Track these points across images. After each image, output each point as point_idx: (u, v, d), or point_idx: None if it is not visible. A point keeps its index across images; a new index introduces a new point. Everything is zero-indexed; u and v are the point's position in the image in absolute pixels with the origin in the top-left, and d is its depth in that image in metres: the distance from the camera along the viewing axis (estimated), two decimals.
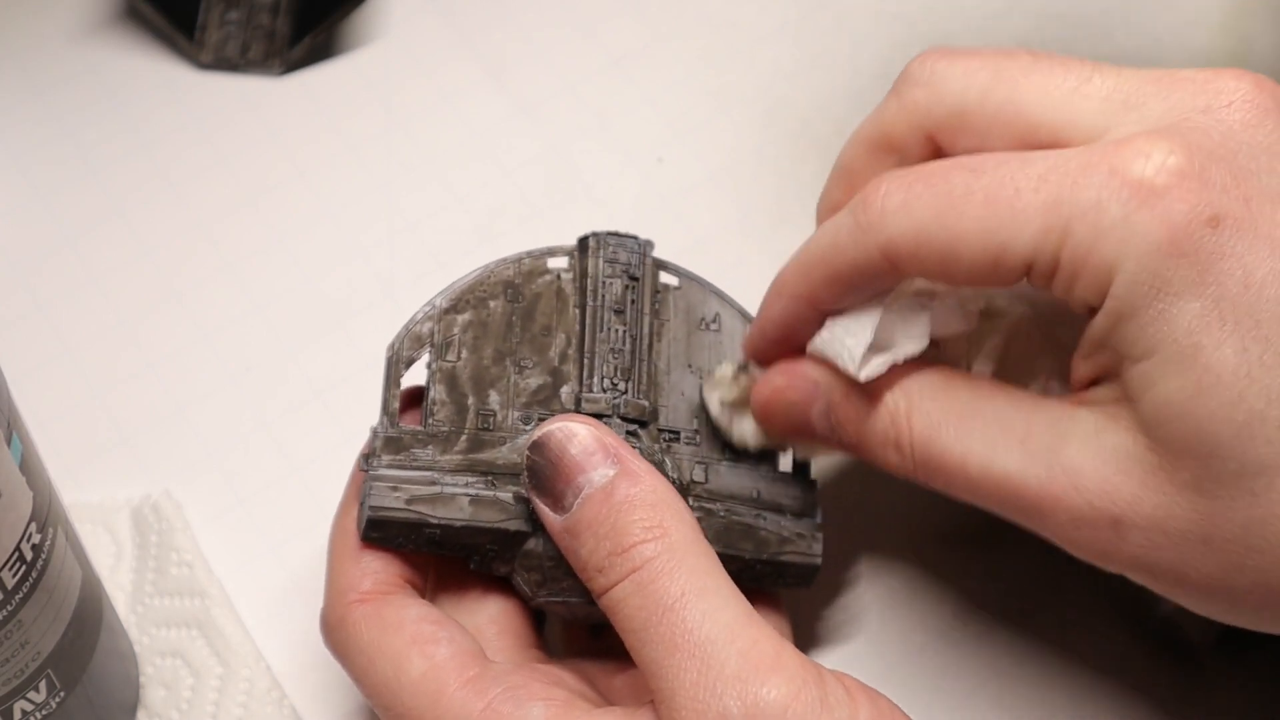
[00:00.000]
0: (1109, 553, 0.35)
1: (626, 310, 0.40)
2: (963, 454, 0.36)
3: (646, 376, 0.40)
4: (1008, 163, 0.35)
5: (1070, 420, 0.35)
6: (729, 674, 0.34)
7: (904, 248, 0.36)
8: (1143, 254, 0.33)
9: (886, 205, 0.36)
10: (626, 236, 0.41)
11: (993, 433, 0.36)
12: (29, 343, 0.49)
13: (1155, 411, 0.33)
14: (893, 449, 0.38)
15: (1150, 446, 0.34)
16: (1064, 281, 0.34)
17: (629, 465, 0.37)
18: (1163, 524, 0.34)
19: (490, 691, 0.36)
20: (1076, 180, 0.34)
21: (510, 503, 0.38)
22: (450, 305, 0.40)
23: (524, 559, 0.38)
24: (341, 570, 0.39)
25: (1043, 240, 0.34)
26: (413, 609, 0.38)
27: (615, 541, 0.36)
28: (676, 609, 0.35)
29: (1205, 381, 0.33)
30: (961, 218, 0.35)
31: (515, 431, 0.39)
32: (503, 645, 0.39)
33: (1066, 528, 0.35)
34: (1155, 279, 0.33)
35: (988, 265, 0.35)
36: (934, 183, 0.35)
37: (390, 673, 0.37)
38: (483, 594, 0.40)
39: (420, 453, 0.39)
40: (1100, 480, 0.34)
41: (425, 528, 0.38)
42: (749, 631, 0.34)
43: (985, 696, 0.44)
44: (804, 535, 0.41)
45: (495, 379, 0.39)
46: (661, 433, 0.40)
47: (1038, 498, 0.35)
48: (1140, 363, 0.34)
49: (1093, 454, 0.35)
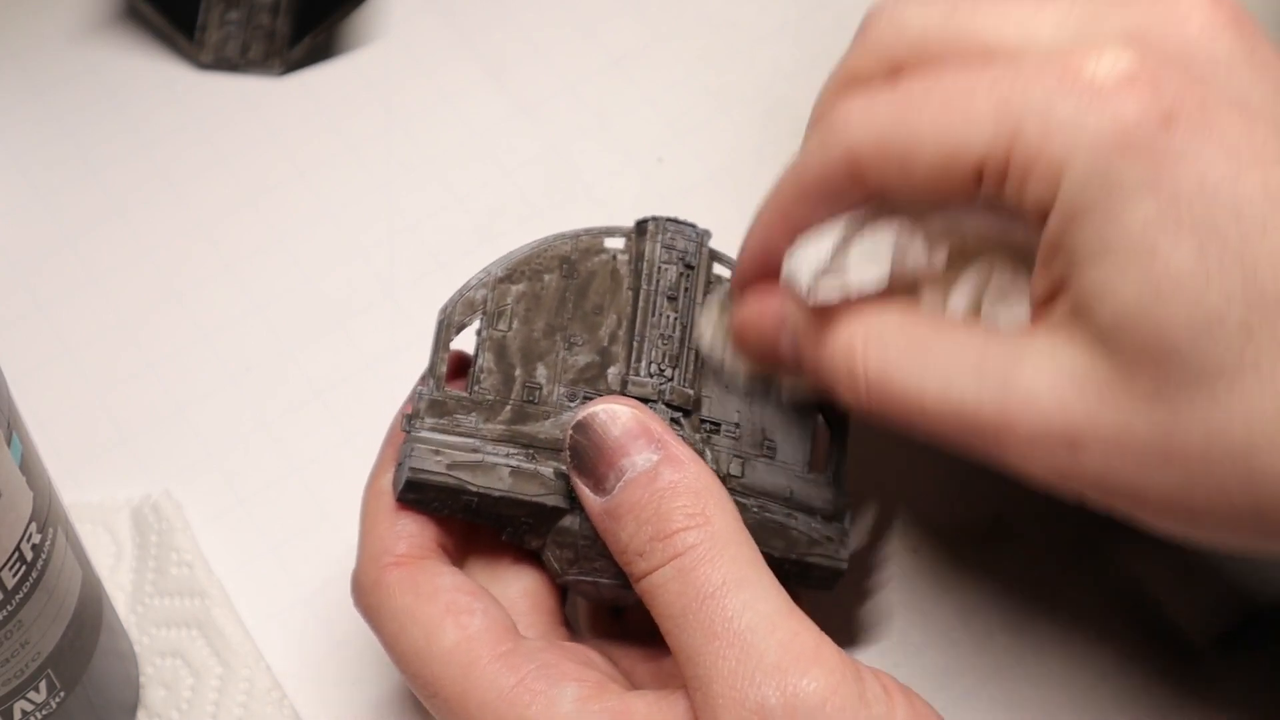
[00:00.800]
0: (1066, 474, 0.34)
1: (679, 297, 0.40)
2: (918, 387, 0.36)
3: (693, 365, 0.40)
4: (967, 68, 0.35)
5: (1025, 344, 0.35)
6: (769, 664, 0.34)
7: (864, 153, 0.36)
8: (1092, 150, 0.32)
9: (850, 115, 0.36)
10: (685, 224, 0.41)
11: (947, 364, 0.35)
12: (29, 343, 0.49)
13: (1113, 318, 0.33)
14: (847, 383, 0.37)
15: (1107, 358, 0.33)
16: (1015, 183, 0.34)
17: (673, 451, 0.37)
18: (1121, 440, 0.33)
19: (523, 668, 0.36)
20: (1029, 81, 0.33)
21: (550, 478, 0.38)
22: (505, 275, 0.40)
23: (558, 535, 0.38)
24: (376, 532, 0.39)
25: (994, 140, 0.34)
26: (447, 577, 0.38)
27: (657, 527, 0.36)
28: (717, 597, 0.35)
29: (1164, 284, 0.32)
30: (919, 119, 0.35)
31: (560, 407, 0.39)
32: (535, 620, 0.39)
33: (1023, 450, 0.35)
34: (1106, 177, 0.32)
35: (942, 167, 0.34)
36: (896, 91, 0.36)
37: (422, 641, 0.37)
38: (515, 566, 0.40)
39: (464, 419, 0.38)
40: (1055, 399, 0.34)
41: (463, 494, 0.38)
42: (789, 623, 0.34)
43: (985, 696, 0.44)
44: (832, 539, 0.41)
45: (544, 353, 0.39)
46: (703, 423, 0.40)
47: (993, 423, 0.35)
48: (1095, 266, 0.33)
49: (1048, 374, 0.34)
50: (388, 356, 0.49)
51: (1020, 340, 0.35)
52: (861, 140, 0.36)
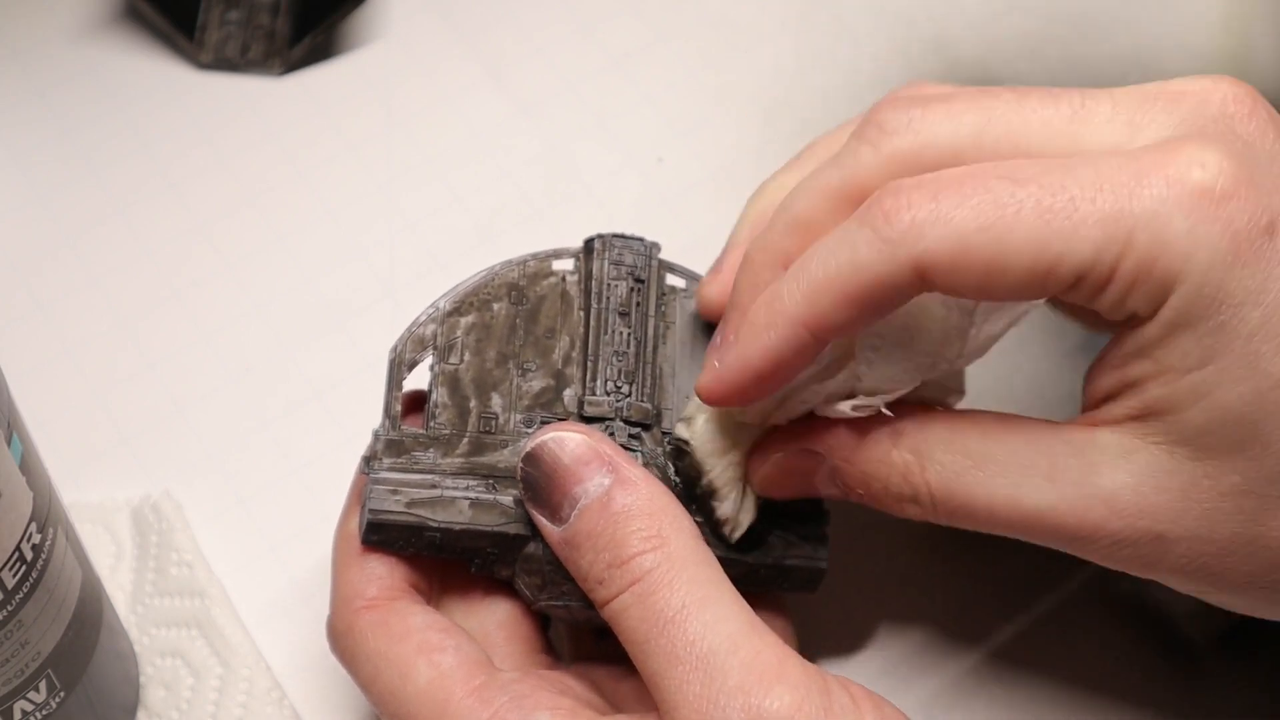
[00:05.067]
0: (1152, 565, 0.35)
1: (631, 313, 0.40)
2: (988, 498, 0.36)
3: (651, 379, 0.40)
4: (1052, 170, 0.33)
5: (1094, 446, 0.35)
6: (732, 686, 0.34)
7: (942, 261, 0.33)
8: (1208, 265, 0.32)
9: (916, 216, 0.33)
10: (633, 239, 0.41)
11: (1015, 473, 0.36)
12: (29, 343, 0.49)
13: (1207, 422, 0.33)
14: (911, 504, 0.37)
15: (1193, 458, 0.34)
16: (1118, 291, 0.33)
17: (625, 473, 0.36)
18: (1208, 532, 0.34)
19: (496, 700, 0.36)
20: (1135, 190, 0.32)
21: (511, 506, 0.38)
22: (454, 308, 0.40)
23: (524, 563, 0.38)
24: (346, 577, 0.39)
25: (1102, 252, 0.33)
26: (419, 616, 0.38)
27: (614, 553, 0.36)
28: (677, 621, 0.35)
29: (1263, 386, 0.33)
30: (1011, 230, 0.33)
31: (517, 435, 0.39)
32: (511, 651, 0.39)
33: (1108, 551, 0.35)
34: (1220, 290, 0.32)
35: (1038, 278, 0.33)
36: (970, 192, 0.33)
37: (397, 681, 0.37)
38: (490, 598, 0.40)
39: (422, 456, 0.39)
40: (1138, 501, 0.34)
41: (425, 531, 0.38)
42: (751, 642, 0.34)
43: (985, 696, 0.44)
44: (810, 539, 0.41)
45: (498, 382, 0.39)
46: (665, 435, 0.40)
47: (1076, 528, 0.35)
48: (1195, 373, 0.33)
49: (1126, 476, 0.34)
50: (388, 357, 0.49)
51: (1087, 441, 0.35)
52: (939, 247, 0.33)
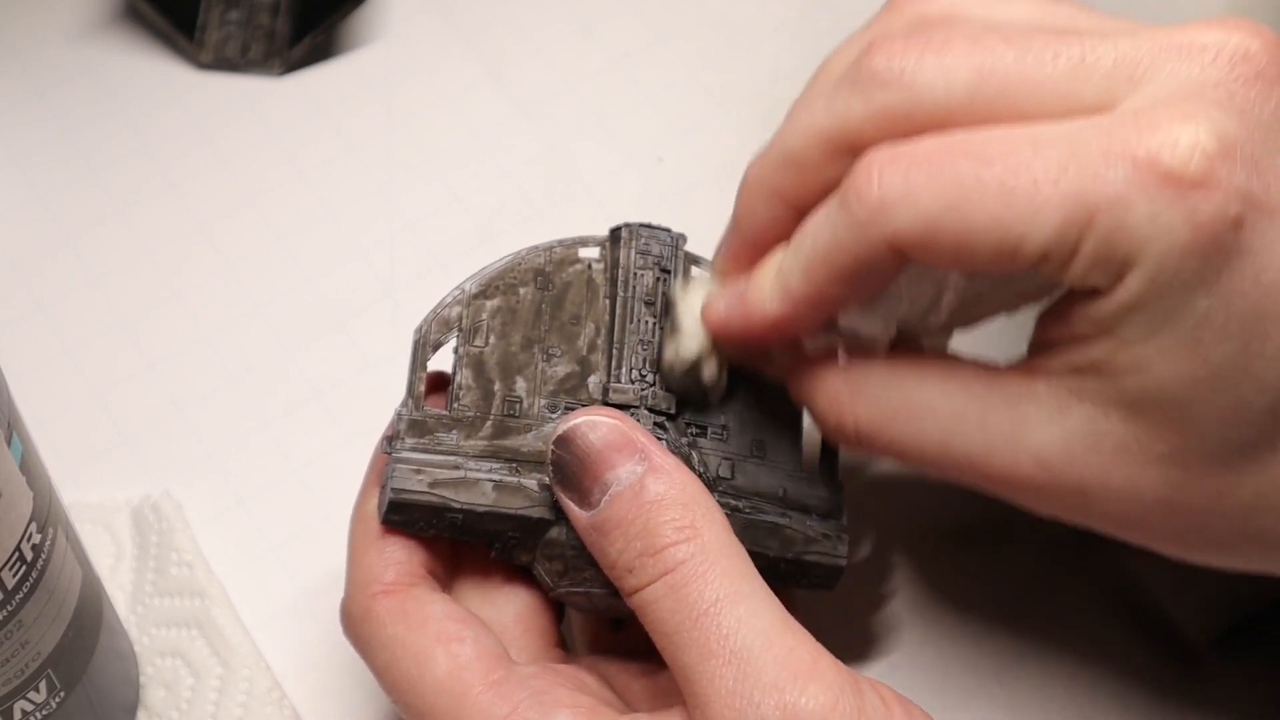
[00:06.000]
0: (1073, 516, 0.36)
1: (657, 302, 0.40)
2: (918, 441, 0.36)
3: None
4: (1020, 148, 0.33)
5: (1028, 398, 0.35)
6: (766, 682, 0.33)
7: (912, 239, 0.34)
8: (1165, 253, 0.32)
9: (886, 195, 0.34)
10: (659, 229, 0.41)
11: (948, 419, 0.36)
12: (29, 343, 0.49)
13: (1143, 391, 0.33)
14: (834, 429, 0.38)
15: (1126, 421, 0.34)
16: (1078, 270, 0.33)
17: (657, 461, 0.36)
18: (1131, 494, 0.35)
19: (515, 696, 0.35)
20: (1100, 172, 0.32)
21: (534, 490, 0.38)
22: (480, 290, 0.40)
23: (546, 548, 0.38)
24: (364, 560, 0.38)
25: (1063, 233, 0.33)
26: (438, 604, 0.37)
27: (646, 542, 0.35)
28: (711, 614, 0.34)
29: (1201, 373, 0.33)
30: (976, 210, 0.33)
31: (541, 419, 0.39)
32: (527, 644, 0.39)
33: (1031, 499, 0.36)
34: (1174, 277, 0.32)
35: (1006, 255, 0.33)
36: (937, 170, 0.33)
37: (413, 670, 0.36)
38: (506, 587, 0.39)
39: (444, 437, 0.38)
40: (1067, 459, 0.35)
41: (447, 512, 0.38)
42: (785, 638, 0.34)
43: (985, 696, 0.44)
44: (829, 536, 0.41)
45: (522, 366, 0.39)
46: (689, 426, 0.40)
47: (1003, 477, 0.36)
48: (1139, 345, 0.33)
49: (1058, 433, 0.35)
50: (388, 356, 0.49)
51: (1022, 392, 0.35)
52: (909, 226, 0.34)
